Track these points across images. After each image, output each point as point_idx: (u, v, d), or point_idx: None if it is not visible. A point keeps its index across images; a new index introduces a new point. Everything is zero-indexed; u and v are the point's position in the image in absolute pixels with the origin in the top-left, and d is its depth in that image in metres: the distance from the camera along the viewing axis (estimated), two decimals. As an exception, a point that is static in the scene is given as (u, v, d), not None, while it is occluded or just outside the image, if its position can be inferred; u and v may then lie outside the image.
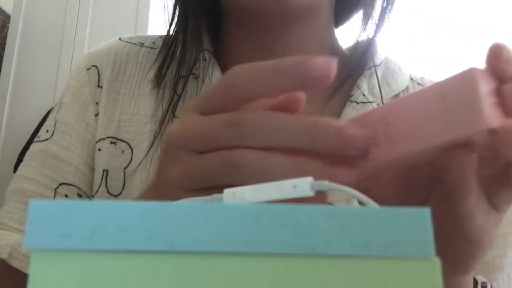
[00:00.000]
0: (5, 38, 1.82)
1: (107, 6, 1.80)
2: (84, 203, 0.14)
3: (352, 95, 0.43)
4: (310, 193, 0.19)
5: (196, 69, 0.44)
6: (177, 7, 0.46)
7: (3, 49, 1.81)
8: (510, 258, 0.43)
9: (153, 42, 0.49)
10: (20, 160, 1.65)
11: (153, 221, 0.14)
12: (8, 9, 1.98)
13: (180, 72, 0.44)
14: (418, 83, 0.47)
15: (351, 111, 0.42)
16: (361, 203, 0.24)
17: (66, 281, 0.14)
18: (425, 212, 0.15)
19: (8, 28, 1.83)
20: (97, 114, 0.45)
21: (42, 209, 0.14)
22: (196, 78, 0.44)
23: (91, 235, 0.14)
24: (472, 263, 0.25)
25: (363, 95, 0.43)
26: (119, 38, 0.50)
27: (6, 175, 1.67)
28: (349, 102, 0.43)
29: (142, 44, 0.49)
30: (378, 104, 0.43)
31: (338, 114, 0.43)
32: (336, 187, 0.19)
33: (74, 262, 0.14)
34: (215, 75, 0.44)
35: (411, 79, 0.48)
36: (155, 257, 0.14)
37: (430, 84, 0.47)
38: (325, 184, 0.19)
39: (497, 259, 0.42)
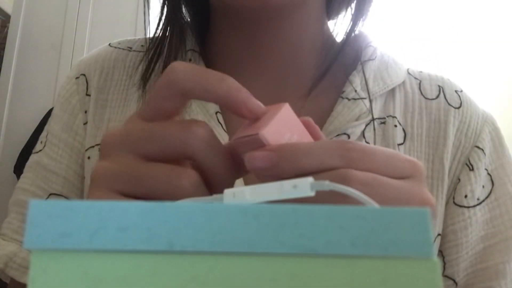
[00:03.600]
0: (5, 38, 1.82)
1: (107, 6, 1.80)
2: (84, 203, 0.14)
3: (344, 91, 0.42)
4: (310, 193, 0.19)
5: None
6: (164, 8, 0.45)
7: (3, 49, 1.81)
8: None
9: (142, 45, 0.48)
10: (20, 160, 1.65)
11: (153, 221, 0.14)
12: (8, 9, 1.98)
13: None
14: (415, 78, 0.46)
15: (342, 108, 0.41)
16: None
17: (66, 281, 0.14)
18: (425, 212, 0.15)
19: (8, 28, 1.83)
20: (86, 123, 0.45)
21: (42, 209, 0.14)
22: None
23: (91, 235, 0.14)
24: None
25: (355, 91, 0.42)
26: (109, 44, 0.50)
27: (6, 175, 1.67)
28: (340, 99, 0.42)
29: (130, 48, 0.49)
30: (370, 101, 0.42)
31: (329, 111, 0.42)
32: (337, 187, 0.19)
33: (74, 262, 0.14)
34: None
35: (409, 73, 0.47)
36: (155, 257, 0.14)
37: (428, 78, 0.47)
38: (325, 184, 0.19)
39: (500, 265, 0.41)
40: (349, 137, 0.40)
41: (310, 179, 0.19)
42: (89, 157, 0.44)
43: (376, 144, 0.41)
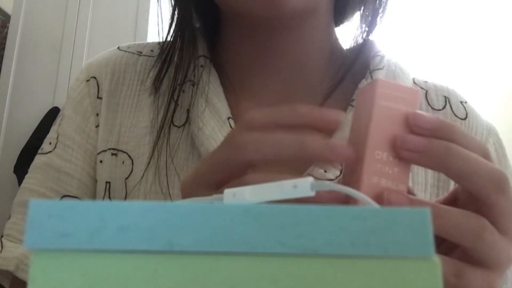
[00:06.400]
0: (5, 38, 1.82)
1: (107, 6, 1.80)
2: (84, 203, 0.14)
3: (354, 100, 0.43)
4: (310, 193, 0.19)
5: (194, 76, 0.44)
6: (175, 13, 0.45)
7: (3, 49, 1.81)
8: None
9: (152, 50, 0.49)
10: (20, 160, 1.65)
11: (153, 221, 0.14)
12: (8, 9, 1.98)
13: (178, 79, 0.44)
14: (421, 87, 0.46)
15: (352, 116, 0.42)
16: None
17: (66, 281, 0.14)
18: (425, 212, 0.15)
19: (8, 28, 1.83)
20: (97, 126, 0.45)
21: (42, 209, 0.14)
22: (194, 84, 0.44)
23: (91, 235, 0.14)
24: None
25: None
26: (118, 48, 0.50)
27: (6, 175, 1.67)
28: (350, 107, 0.42)
29: (140, 52, 0.49)
30: None
31: None
32: (336, 187, 0.19)
33: (74, 262, 0.14)
34: (212, 81, 0.44)
35: (414, 83, 0.47)
36: (155, 257, 0.14)
37: (434, 88, 0.47)
38: (325, 184, 0.19)
39: None
40: None
41: (310, 179, 0.19)
42: (101, 161, 0.44)
43: None
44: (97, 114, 0.46)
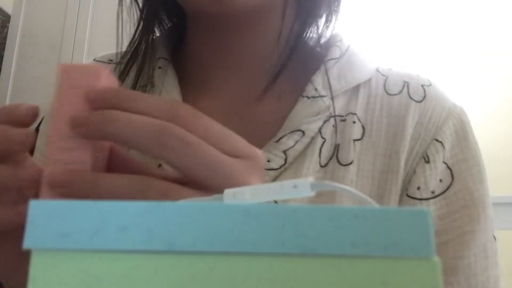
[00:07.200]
0: (5, 38, 1.81)
1: (107, 6, 1.80)
2: (84, 203, 0.14)
3: (305, 91, 0.44)
4: (310, 193, 0.19)
5: (153, 77, 0.46)
6: (142, 16, 0.47)
7: (3, 49, 1.81)
8: (469, 260, 0.40)
9: (123, 57, 0.50)
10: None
11: (153, 221, 0.14)
12: (8, 9, 1.98)
13: (140, 81, 0.45)
14: (383, 75, 0.47)
15: (301, 106, 0.43)
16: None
17: (66, 281, 0.14)
18: (425, 212, 0.15)
19: (8, 28, 1.83)
20: None
21: (42, 209, 0.14)
22: (153, 86, 0.45)
23: (91, 235, 0.14)
24: None
25: (316, 89, 0.43)
26: (94, 59, 0.53)
27: (6, 175, 1.67)
28: (301, 97, 0.43)
29: (111, 60, 0.51)
30: (331, 99, 0.43)
31: (290, 110, 0.43)
32: (336, 187, 0.19)
33: (74, 262, 0.14)
34: (169, 82, 0.45)
35: (378, 71, 0.47)
36: (155, 257, 0.14)
37: (395, 75, 0.47)
38: (325, 184, 0.19)
39: (451, 260, 0.39)
40: (304, 133, 0.41)
41: (310, 179, 0.19)
42: None
43: (333, 140, 0.42)
44: None
